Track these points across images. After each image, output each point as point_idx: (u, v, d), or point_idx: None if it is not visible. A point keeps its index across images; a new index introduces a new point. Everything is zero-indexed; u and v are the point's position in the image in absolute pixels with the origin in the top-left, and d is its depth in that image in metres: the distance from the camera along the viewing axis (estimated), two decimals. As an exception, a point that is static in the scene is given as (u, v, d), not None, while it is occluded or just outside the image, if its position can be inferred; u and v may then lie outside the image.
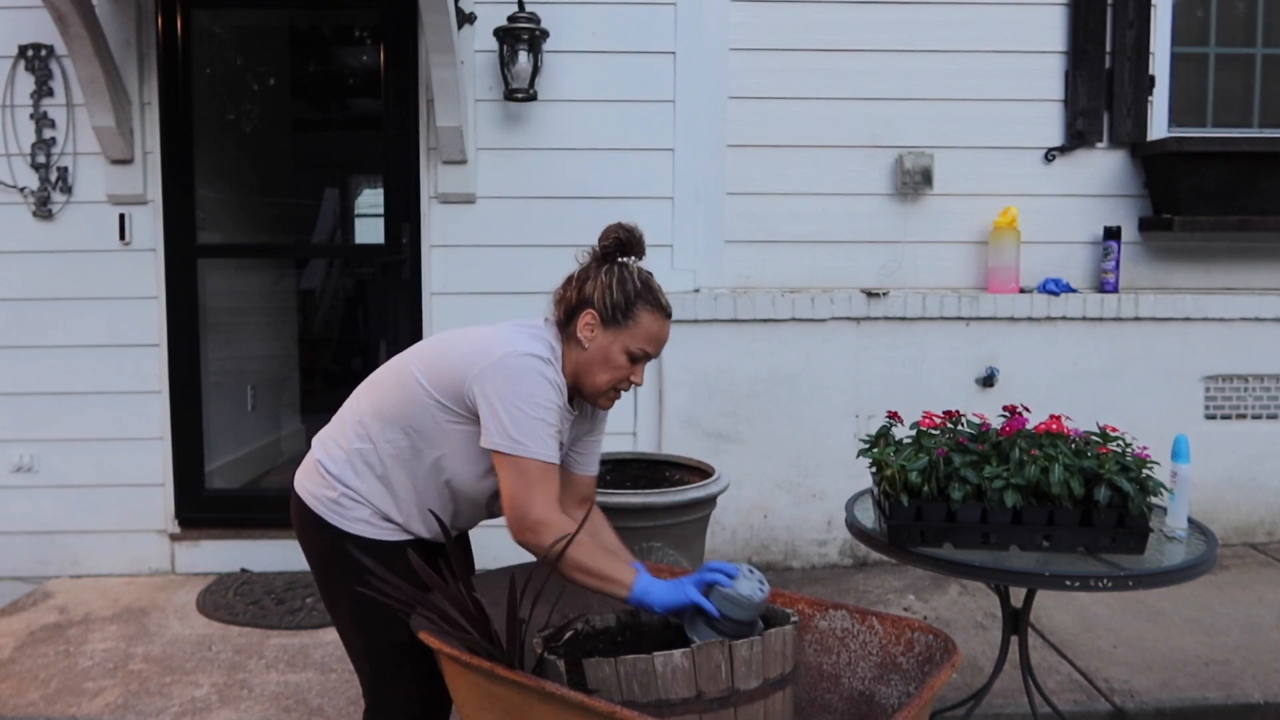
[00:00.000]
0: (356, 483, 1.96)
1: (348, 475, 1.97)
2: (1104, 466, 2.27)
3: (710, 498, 2.76)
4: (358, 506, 1.97)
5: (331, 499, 1.97)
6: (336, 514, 1.97)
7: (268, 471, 4.98)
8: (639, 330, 1.94)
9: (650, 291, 1.96)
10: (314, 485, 2.01)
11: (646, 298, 1.94)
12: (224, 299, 4.53)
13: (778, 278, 4.17)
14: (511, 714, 1.69)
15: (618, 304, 1.92)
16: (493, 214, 3.99)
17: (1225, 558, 4.02)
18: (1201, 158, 4.03)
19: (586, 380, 1.97)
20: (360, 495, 1.96)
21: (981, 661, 3.15)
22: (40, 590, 3.91)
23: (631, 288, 1.94)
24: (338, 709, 2.92)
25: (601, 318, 1.93)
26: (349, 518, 1.97)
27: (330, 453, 2.01)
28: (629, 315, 1.93)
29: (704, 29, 4.02)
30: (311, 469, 2.03)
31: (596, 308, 1.92)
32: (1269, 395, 4.24)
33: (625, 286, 1.93)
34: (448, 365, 1.91)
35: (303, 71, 6.53)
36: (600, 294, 1.93)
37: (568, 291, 1.98)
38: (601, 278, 1.94)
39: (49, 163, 3.92)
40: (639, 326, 1.93)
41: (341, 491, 1.97)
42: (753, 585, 1.76)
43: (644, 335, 1.94)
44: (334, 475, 1.97)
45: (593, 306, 1.93)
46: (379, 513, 1.97)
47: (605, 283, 1.93)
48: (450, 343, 1.99)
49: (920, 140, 4.13)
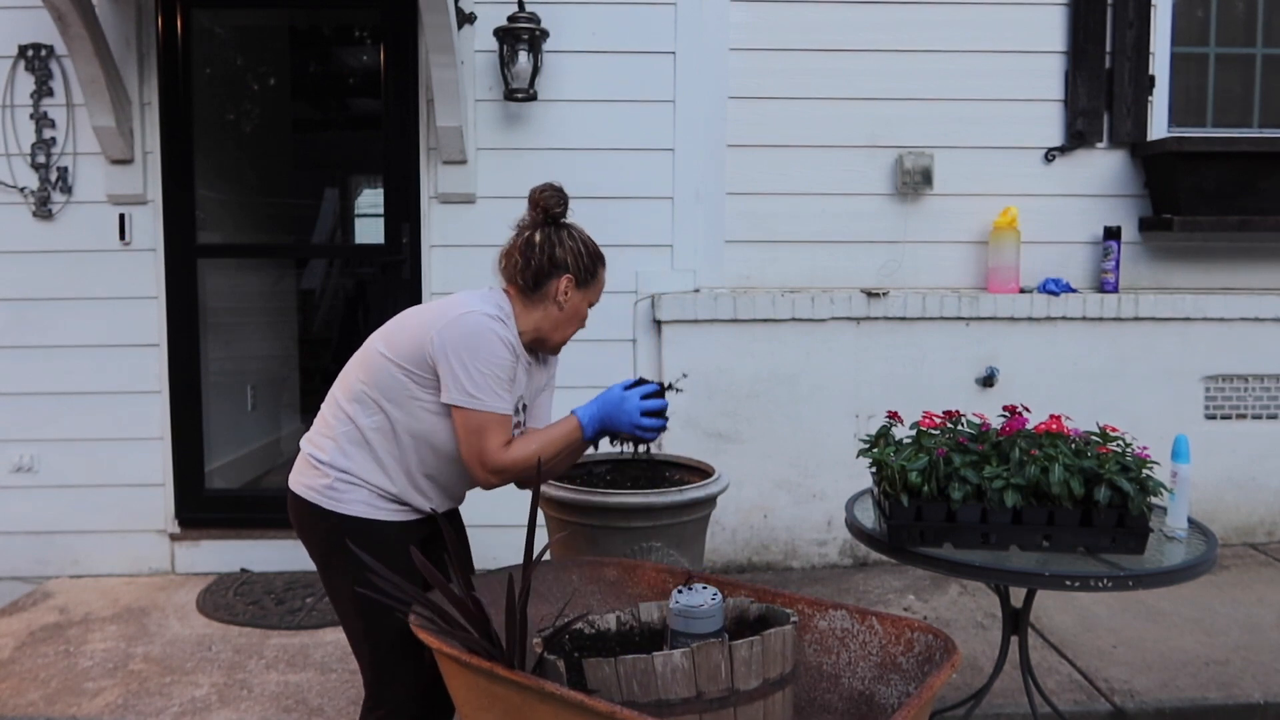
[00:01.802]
0: (348, 464, 2.02)
1: (338, 459, 2.02)
2: (1104, 466, 2.27)
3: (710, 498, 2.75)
4: (353, 488, 2.01)
5: (327, 485, 2.01)
6: (333, 499, 2.01)
7: (268, 471, 4.98)
8: (597, 285, 2.16)
9: (599, 249, 2.17)
10: (308, 478, 2.05)
11: (600, 256, 2.15)
12: (224, 299, 4.53)
13: (778, 278, 4.17)
14: (511, 714, 1.69)
15: (588, 267, 2.11)
16: (493, 214, 3.99)
17: (1225, 558, 4.02)
18: (1201, 158, 4.03)
19: (557, 335, 2.13)
20: (355, 476, 2.01)
21: (981, 661, 3.15)
22: (40, 590, 3.91)
23: (594, 248, 2.14)
24: (338, 709, 2.92)
25: (577, 280, 2.10)
26: (347, 500, 2.01)
27: (318, 444, 2.07)
28: (594, 274, 2.14)
29: (704, 29, 4.02)
30: (303, 464, 2.08)
31: (573, 271, 2.09)
32: (1269, 395, 4.25)
33: (590, 247, 2.13)
34: (408, 335, 2.01)
35: (303, 71, 6.53)
36: (574, 260, 2.09)
37: (533, 257, 2.07)
38: (568, 242, 2.09)
39: (49, 163, 3.92)
40: (597, 282, 2.16)
41: (336, 476, 2.01)
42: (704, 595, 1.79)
43: (599, 287, 2.18)
44: (325, 463, 2.03)
45: (569, 271, 2.08)
46: (376, 491, 2.02)
47: (574, 249, 2.09)
48: (407, 315, 2.10)
49: (920, 140, 4.13)
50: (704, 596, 1.78)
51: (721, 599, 1.80)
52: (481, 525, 3.96)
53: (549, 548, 1.93)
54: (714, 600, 1.78)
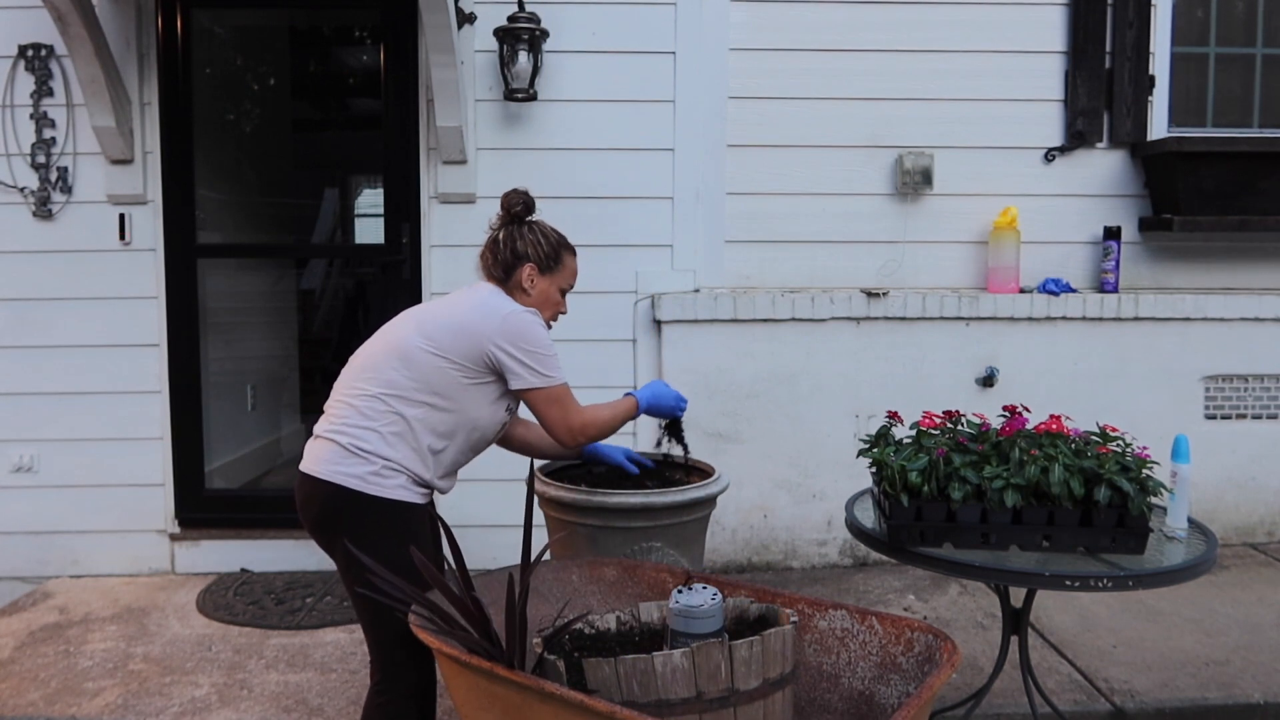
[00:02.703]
0: (391, 453, 2.16)
1: (383, 449, 2.16)
2: (1104, 466, 2.27)
3: (710, 498, 2.75)
4: (396, 475, 2.16)
5: (372, 472, 2.14)
6: (377, 485, 2.14)
7: (268, 471, 4.98)
8: (566, 270, 2.39)
9: (564, 238, 2.41)
10: (346, 465, 2.14)
11: (565, 244, 2.40)
12: (224, 299, 4.53)
13: (778, 278, 4.17)
14: (511, 714, 1.69)
15: (549, 254, 2.35)
16: (492, 214, 3.98)
17: (1225, 558, 4.02)
18: (1201, 158, 4.03)
19: None
20: (398, 464, 2.16)
21: (981, 661, 3.15)
22: (40, 590, 3.91)
23: (555, 238, 2.38)
24: (338, 709, 2.92)
25: (540, 267, 2.33)
26: (389, 485, 2.15)
27: (356, 435, 2.16)
28: (558, 260, 2.37)
29: (704, 29, 4.02)
30: (337, 453, 2.16)
31: (534, 260, 2.32)
32: (1269, 395, 4.25)
33: (550, 239, 2.37)
34: (455, 336, 2.19)
35: (303, 71, 6.53)
36: (533, 249, 2.33)
37: (499, 253, 2.34)
38: (528, 235, 2.34)
39: (49, 163, 3.92)
40: (565, 268, 2.39)
41: (383, 464, 2.15)
42: (704, 596, 1.79)
43: (569, 273, 2.41)
44: (370, 451, 2.15)
45: (530, 260, 2.32)
46: (413, 478, 2.18)
47: (533, 239, 2.34)
48: (439, 312, 2.26)
49: (920, 140, 4.13)
50: (704, 597, 1.78)
51: (721, 599, 1.80)
52: (482, 525, 3.97)
53: (549, 548, 1.93)
54: (714, 600, 1.78)
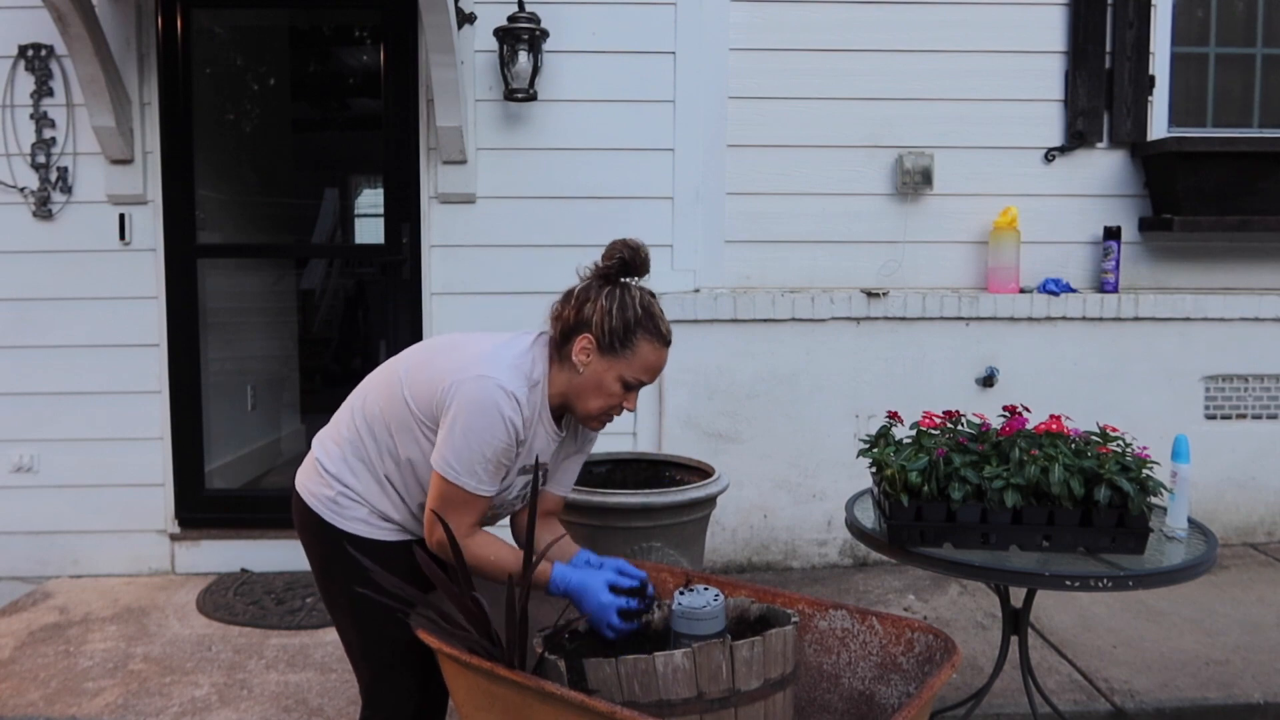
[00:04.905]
0: (353, 481, 1.96)
1: (344, 474, 1.96)
2: (1104, 466, 2.27)
3: (710, 498, 2.76)
4: (355, 505, 1.96)
5: (329, 498, 1.97)
6: (334, 513, 1.96)
7: (268, 471, 4.98)
8: (636, 360, 1.87)
9: (651, 319, 1.87)
10: (313, 484, 2.01)
11: (647, 326, 1.87)
12: (224, 299, 4.53)
13: (778, 278, 4.17)
14: (511, 714, 1.69)
15: (615, 331, 1.85)
16: (493, 214, 4.00)
17: (1225, 558, 4.02)
18: (1201, 158, 4.03)
19: (578, 404, 1.91)
20: (357, 494, 1.96)
21: (981, 661, 3.15)
22: (40, 590, 3.91)
23: (632, 314, 1.86)
24: (338, 709, 2.92)
25: (598, 344, 1.86)
26: (346, 516, 1.96)
27: (328, 451, 2.01)
28: (627, 344, 1.86)
29: (704, 29, 4.02)
30: (311, 468, 2.03)
31: (594, 334, 1.85)
32: (1269, 395, 4.25)
33: (625, 313, 1.85)
34: (428, 376, 1.89)
35: (303, 71, 6.53)
36: (599, 319, 1.85)
37: (565, 310, 1.90)
38: (602, 301, 1.86)
39: (49, 163, 3.91)
40: (636, 356, 1.87)
41: (339, 490, 1.96)
42: (705, 597, 1.78)
43: (640, 365, 1.88)
44: (331, 474, 1.97)
45: (590, 331, 1.86)
46: (376, 511, 1.96)
47: (605, 308, 1.85)
48: (439, 351, 1.96)
49: (920, 140, 4.13)
50: (706, 598, 1.78)
51: (724, 600, 1.80)
52: (481, 525, 3.97)
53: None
54: (716, 601, 1.78)
